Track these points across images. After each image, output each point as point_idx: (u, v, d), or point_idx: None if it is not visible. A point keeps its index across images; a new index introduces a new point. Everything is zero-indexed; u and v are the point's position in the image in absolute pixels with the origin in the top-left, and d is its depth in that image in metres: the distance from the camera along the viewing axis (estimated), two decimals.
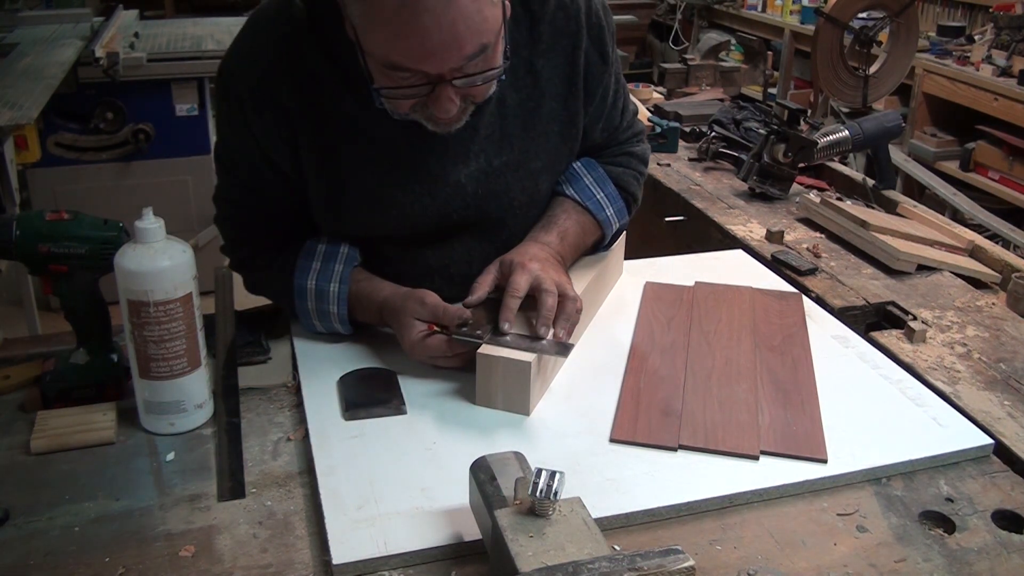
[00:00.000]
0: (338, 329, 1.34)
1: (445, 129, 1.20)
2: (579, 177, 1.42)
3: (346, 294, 1.31)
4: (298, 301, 1.32)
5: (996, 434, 1.19)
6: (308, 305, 1.32)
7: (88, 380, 1.21)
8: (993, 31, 4.02)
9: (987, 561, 0.98)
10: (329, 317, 1.32)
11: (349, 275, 1.32)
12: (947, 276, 1.68)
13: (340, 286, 1.31)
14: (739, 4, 5.58)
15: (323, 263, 1.32)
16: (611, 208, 1.43)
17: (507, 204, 1.36)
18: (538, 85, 1.32)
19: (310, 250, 1.34)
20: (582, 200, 1.41)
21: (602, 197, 1.42)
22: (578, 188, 1.42)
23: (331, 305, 1.31)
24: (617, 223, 1.45)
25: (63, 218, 1.15)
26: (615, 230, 1.46)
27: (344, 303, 1.31)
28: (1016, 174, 3.79)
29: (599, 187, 1.42)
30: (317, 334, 1.36)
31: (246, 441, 1.14)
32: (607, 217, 1.43)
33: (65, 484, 1.06)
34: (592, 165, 1.44)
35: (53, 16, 3.51)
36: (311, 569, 0.94)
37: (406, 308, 1.25)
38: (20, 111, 2.34)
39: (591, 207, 1.41)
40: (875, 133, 2.06)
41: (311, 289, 1.31)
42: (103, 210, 1.23)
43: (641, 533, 1.00)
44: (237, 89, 1.27)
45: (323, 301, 1.31)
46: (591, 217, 1.41)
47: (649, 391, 1.23)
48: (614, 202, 1.44)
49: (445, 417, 1.18)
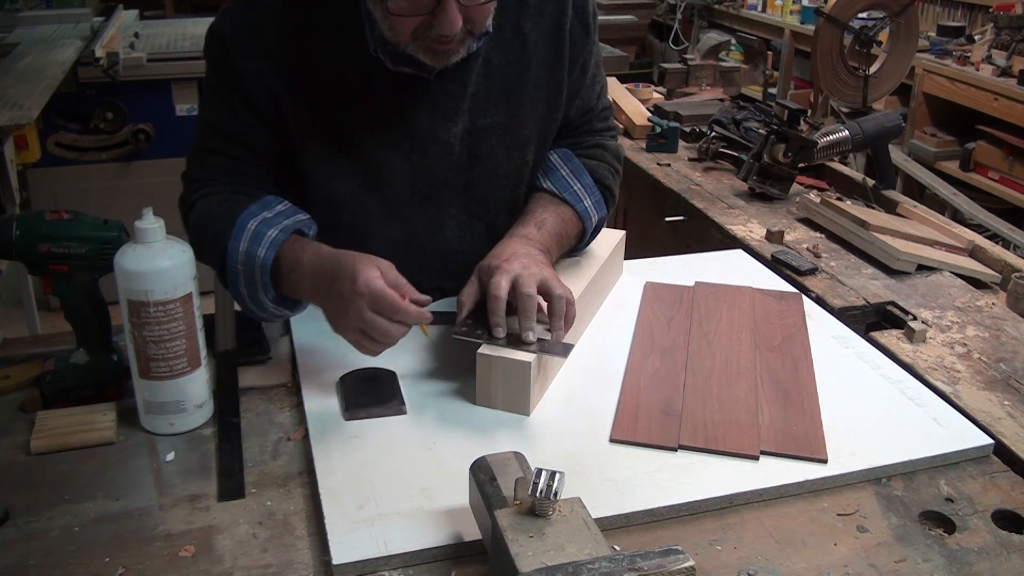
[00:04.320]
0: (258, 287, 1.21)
1: (443, 61, 1.21)
2: (555, 169, 1.42)
3: (280, 241, 1.20)
4: (231, 240, 1.20)
5: (996, 434, 1.19)
6: (240, 246, 1.19)
7: (88, 380, 1.21)
8: (993, 31, 4.01)
9: (987, 561, 0.98)
10: (252, 263, 1.19)
11: (293, 230, 1.23)
12: (947, 276, 1.68)
13: (279, 234, 1.21)
14: (739, 4, 5.58)
15: (275, 215, 1.24)
16: (589, 199, 1.41)
17: (494, 172, 1.36)
18: (525, 49, 1.33)
19: (269, 202, 1.26)
20: (559, 191, 1.40)
21: (579, 188, 1.41)
22: (554, 180, 1.41)
23: (260, 248, 1.19)
24: (596, 215, 1.43)
25: (63, 218, 1.16)
26: (595, 223, 1.44)
27: (275, 248, 1.19)
28: (1016, 174, 3.78)
29: (575, 178, 1.41)
30: (317, 334, 1.35)
31: (246, 441, 1.14)
32: (585, 208, 1.41)
33: (65, 484, 1.06)
34: (568, 156, 1.44)
35: (53, 16, 3.52)
36: (311, 569, 0.94)
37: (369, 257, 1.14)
38: (20, 111, 2.35)
39: (568, 198, 1.40)
40: (875, 133, 2.06)
41: (250, 229, 1.20)
42: (103, 210, 1.23)
43: (641, 533, 1.00)
44: (227, 30, 1.27)
45: (256, 242, 1.19)
46: (569, 207, 1.40)
47: (649, 391, 1.23)
48: (591, 193, 1.42)
49: (445, 417, 1.18)
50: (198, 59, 3.34)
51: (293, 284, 1.21)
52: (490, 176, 1.37)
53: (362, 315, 1.11)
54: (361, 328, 1.12)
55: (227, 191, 1.30)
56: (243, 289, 1.23)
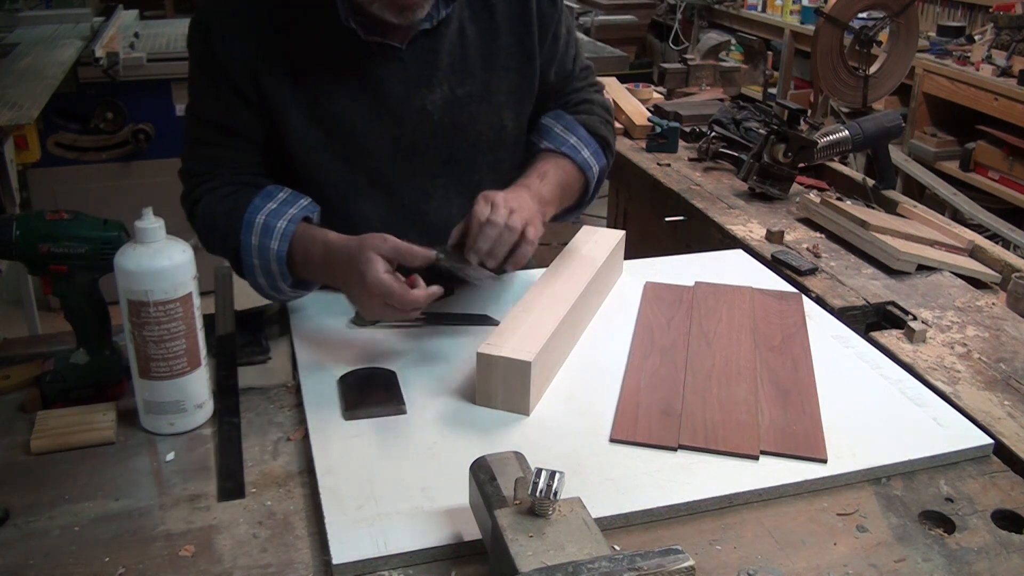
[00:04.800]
0: (275, 274, 1.28)
1: (408, 18, 1.25)
2: (549, 128, 1.46)
3: (291, 232, 1.27)
4: (243, 235, 1.28)
5: (996, 434, 1.19)
6: (252, 240, 1.27)
7: (88, 380, 1.21)
8: (993, 31, 4.01)
9: (987, 561, 0.98)
10: (267, 255, 1.27)
11: (300, 219, 1.30)
12: (947, 276, 1.68)
13: (288, 225, 1.28)
14: (739, 4, 5.58)
15: (279, 205, 1.30)
16: (586, 150, 1.45)
17: (475, 139, 1.40)
18: (493, 19, 1.39)
19: (270, 192, 1.32)
20: (556, 147, 1.44)
21: (575, 141, 1.45)
22: (550, 138, 1.45)
23: (272, 241, 1.26)
24: (596, 165, 1.47)
25: (63, 218, 1.16)
26: (596, 173, 1.47)
27: (287, 240, 1.27)
28: (1016, 174, 3.79)
29: (570, 132, 1.46)
30: (318, 334, 1.36)
31: (246, 441, 1.14)
32: (584, 159, 1.45)
33: (65, 484, 1.06)
34: (559, 115, 1.48)
35: (53, 16, 3.52)
36: (311, 569, 0.94)
37: (366, 243, 1.20)
38: (20, 111, 2.35)
39: (566, 151, 1.44)
40: (875, 133, 2.06)
41: (259, 224, 1.28)
42: (103, 210, 1.23)
43: (641, 533, 1.00)
44: (207, 20, 1.31)
45: (267, 236, 1.27)
46: (568, 160, 1.44)
47: (649, 391, 1.23)
48: (588, 144, 1.46)
49: (445, 417, 1.18)
50: None
51: (309, 274, 1.30)
52: (472, 143, 1.41)
53: (381, 309, 1.21)
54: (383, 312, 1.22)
55: (228, 184, 1.35)
56: (261, 279, 1.31)
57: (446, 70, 1.35)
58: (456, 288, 1.49)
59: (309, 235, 1.28)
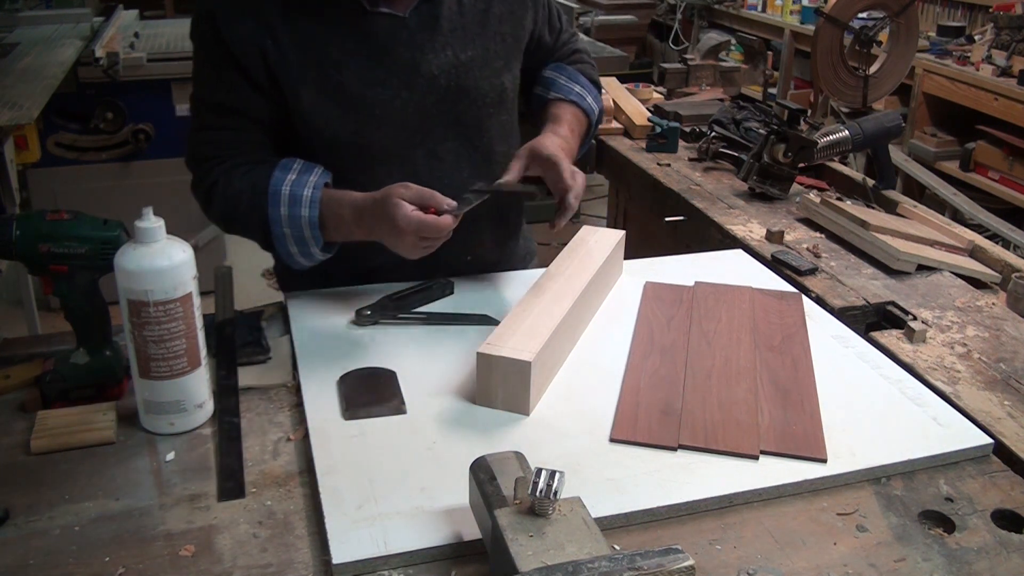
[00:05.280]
0: (307, 239, 1.35)
1: None
2: (554, 80, 1.61)
3: (319, 198, 1.33)
4: (270, 208, 1.34)
5: (996, 434, 1.19)
6: (280, 211, 1.33)
7: (88, 380, 1.21)
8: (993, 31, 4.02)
9: (987, 561, 0.98)
10: (300, 223, 1.33)
11: (323, 185, 1.36)
12: (947, 276, 1.68)
13: (314, 191, 1.34)
14: (739, 4, 5.58)
15: (299, 175, 1.35)
16: (589, 96, 1.61)
17: (480, 102, 1.47)
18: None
19: (286, 164, 1.37)
20: (564, 96, 1.58)
21: (580, 89, 1.60)
22: (556, 88, 1.60)
23: (303, 208, 1.33)
24: (596, 108, 1.63)
25: (63, 218, 1.15)
26: (596, 115, 1.64)
27: (316, 206, 1.33)
28: (1016, 174, 3.79)
29: (574, 82, 1.61)
30: (318, 334, 1.36)
31: (246, 441, 1.14)
32: (589, 104, 1.61)
33: (65, 484, 1.06)
34: (559, 67, 1.63)
35: (53, 16, 3.52)
36: (311, 569, 0.94)
37: (391, 193, 1.27)
38: (20, 111, 2.35)
39: (575, 99, 1.59)
40: (875, 133, 2.06)
41: (285, 194, 1.33)
42: (103, 210, 1.23)
43: (641, 533, 1.00)
44: (212, 5, 1.36)
45: (296, 205, 1.33)
46: (577, 107, 1.59)
47: (649, 391, 1.23)
48: (589, 91, 1.62)
49: (445, 417, 1.18)
50: None
51: (340, 235, 1.37)
52: (478, 106, 1.47)
53: (416, 245, 1.28)
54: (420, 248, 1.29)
55: (242, 165, 1.39)
56: (292, 247, 1.37)
57: (448, 36, 1.42)
58: (456, 288, 1.49)
59: (335, 199, 1.35)
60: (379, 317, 1.40)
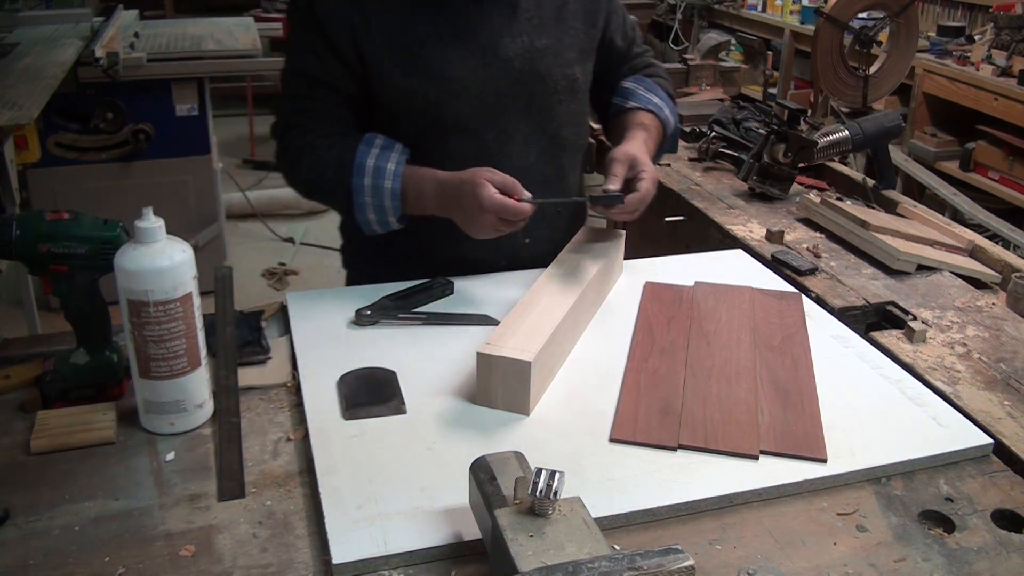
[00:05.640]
0: (387, 209, 1.45)
1: None
2: (632, 90, 1.66)
3: (401, 173, 1.44)
4: (355, 178, 1.44)
5: (996, 434, 1.19)
6: (364, 181, 1.44)
7: (88, 380, 1.21)
8: (993, 31, 4.01)
9: (987, 561, 0.98)
10: (382, 193, 1.44)
11: (405, 160, 1.46)
12: (947, 276, 1.68)
13: (397, 166, 1.45)
14: (739, 4, 5.57)
15: (381, 150, 1.46)
16: (666, 108, 1.67)
17: (552, 88, 1.55)
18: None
19: (370, 139, 1.48)
20: (643, 106, 1.64)
21: (659, 101, 1.66)
22: (635, 98, 1.65)
23: (386, 180, 1.44)
24: (673, 121, 1.68)
25: (63, 218, 1.15)
26: (673, 127, 1.68)
27: (399, 180, 1.44)
28: (1016, 174, 3.78)
29: (653, 94, 1.66)
30: (318, 334, 1.36)
31: (246, 441, 1.14)
32: (666, 116, 1.66)
33: (65, 484, 1.06)
34: (638, 79, 1.69)
35: (53, 16, 3.51)
36: (311, 569, 0.94)
37: (478, 173, 1.37)
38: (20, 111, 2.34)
39: (654, 110, 1.64)
40: (875, 133, 2.06)
41: (370, 166, 1.44)
42: (103, 210, 1.23)
43: (641, 533, 1.00)
44: None
45: (379, 177, 1.44)
46: (655, 116, 1.65)
47: (649, 391, 1.23)
48: (666, 103, 1.68)
49: (445, 417, 1.18)
50: (198, 59, 3.35)
51: (418, 208, 1.46)
52: (549, 92, 1.55)
53: (494, 225, 1.37)
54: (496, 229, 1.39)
55: (328, 136, 1.50)
56: (371, 216, 1.47)
57: (524, 24, 1.51)
58: (456, 288, 1.50)
59: (419, 174, 1.45)
60: (379, 317, 1.40)
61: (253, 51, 3.45)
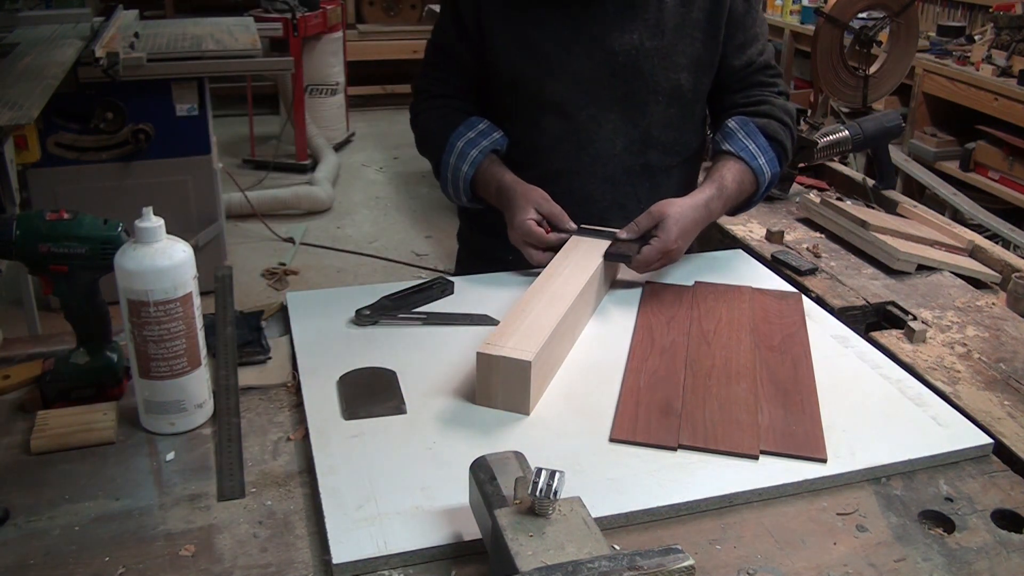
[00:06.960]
0: (459, 190, 1.63)
1: None
2: (733, 133, 1.63)
3: (479, 162, 1.60)
4: (445, 153, 1.63)
5: (996, 434, 1.19)
6: (450, 159, 1.62)
7: (88, 380, 1.21)
8: (993, 31, 4.02)
9: (987, 561, 0.98)
10: (459, 175, 1.61)
11: (490, 152, 1.61)
12: (947, 276, 1.68)
13: (479, 155, 1.61)
14: None
15: (476, 135, 1.62)
16: (763, 157, 1.61)
17: (652, 87, 1.60)
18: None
19: (472, 122, 1.64)
20: (736, 151, 1.61)
21: (754, 148, 1.61)
22: (732, 142, 1.63)
23: (464, 165, 1.61)
24: (769, 172, 1.62)
25: (63, 218, 1.15)
26: (768, 179, 1.63)
27: (474, 168, 1.60)
28: (1016, 174, 3.79)
29: (751, 139, 1.62)
30: (318, 334, 1.36)
31: (246, 441, 1.14)
32: (760, 165, 1.61)
33: (65, 484, 1.06)
34: (744, 122, 1.64)
35: (53, 16, 3.51)
36: (311, 569, 0.94)
37: (529, 195, 1.53)
38: (20, 111, 2.34)
39: (745, 156, 1.60)
40: (875, 133, 2.06)
41: (458, 148, 1.62)
42: (103, 210, 1.23)
43: (641, 533, 1.00)
44: None
45: (461, 160, 1.61)
46: (745, 165, 1.60)
47: (649, 391, 1.23)
48: (765, 152, 1.61)
49: (445, 417, 1.18)
50: (198, 59, 3.35)
51: (486, 197, 1.63)
52: (648, 90, 1.60)
53: (520, 244, 1.52)
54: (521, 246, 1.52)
55: (443, 107, 1.68)
56: (449, 189, 1.67)
57: (638, 23, 1.56)
58: (456, 288, 1.50)
59: (491, 171, 1.60)
60: (379, 317, 1.40)
61: (253, 51, 3.45)
